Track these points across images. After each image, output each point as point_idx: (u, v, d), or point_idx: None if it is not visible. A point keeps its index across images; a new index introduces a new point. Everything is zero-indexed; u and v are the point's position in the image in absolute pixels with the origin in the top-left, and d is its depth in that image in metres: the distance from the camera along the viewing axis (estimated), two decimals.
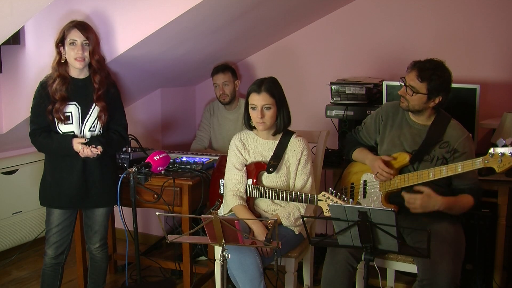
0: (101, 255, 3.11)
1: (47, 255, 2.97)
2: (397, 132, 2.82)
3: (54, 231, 2.94)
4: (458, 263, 2.52)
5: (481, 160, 2.46)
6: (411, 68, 2.68)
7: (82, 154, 2.82)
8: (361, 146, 2.99)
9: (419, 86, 2.63)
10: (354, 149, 2.99)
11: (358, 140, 3.03)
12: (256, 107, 2.78)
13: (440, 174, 2.60)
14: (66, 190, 2.89)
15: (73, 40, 2.80)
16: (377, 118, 2.92)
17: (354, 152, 2.99)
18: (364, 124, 3.00)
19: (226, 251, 2.35)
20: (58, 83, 2.82)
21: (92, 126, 2.90)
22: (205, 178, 3.22)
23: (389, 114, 2.88)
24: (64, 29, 2.83)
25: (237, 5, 3.16)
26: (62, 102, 2.82)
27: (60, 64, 2.85)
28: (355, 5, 3.92)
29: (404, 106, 2.73)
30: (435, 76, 2.61)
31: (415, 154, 2.72)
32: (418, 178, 2.66)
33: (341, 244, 2.33)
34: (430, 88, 2.62)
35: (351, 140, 3.07)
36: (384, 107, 2.94)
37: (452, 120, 2.75)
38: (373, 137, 2.95)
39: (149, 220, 4.42)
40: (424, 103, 2.67)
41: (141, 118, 4.25)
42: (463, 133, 2.70)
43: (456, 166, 2.56)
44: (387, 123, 2.87)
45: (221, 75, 3.88)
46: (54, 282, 3.00)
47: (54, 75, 2.85)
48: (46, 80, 2.87)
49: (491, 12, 3.55)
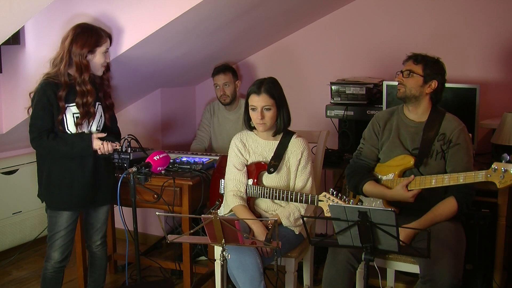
0: (101, 253, 3.12)
1: (52, 259, 2.91)
2: (395, 133, 2.82)
3: (62, 234, 2.89)
4: (459, 258, 2.52)
5: (483, 174, 2.46)
6: (406, 59, 2.79)
7: (101, 151, 2.83)
8: (370, 178, 2.79)
9: (415, 68, 2.72)
10: (365, 181, 2.78)
11: (362, 167, 2.87)
12: (256, 108, 2.78)
13: (442, 183, 2.60)
14: (78, 191, 2.87)
15: (107, 49, 2.89)
16: (375, 127, 2.88)
17: (365, 186, 2.78)
18: (364, 140, 2.91)
19: (226, 251, 2.35)
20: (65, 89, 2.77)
21: (98, 125, 2.93)
22: (205, 178, 3.22)
23: (384, 119, 2.87)
24: (101, 39, 2.84)
25: (237, 5, 3.16)
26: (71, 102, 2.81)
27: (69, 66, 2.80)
28: (355, 5, 3.92)
29: (402, 92, 2.74)
30: (429, 59, 2.73)
31: (418, 158, 2.72)
32: (421, 184, 2.65)
33: (341, 244, 2.33)
34: (426, 69, 2.70)
35: (354, 171, 2.87)
36: (377, 116, 2.93)
37: (447, 114, 2.76)
38: (377, 147, 2.87)
39: (149, 220, 4.42)
40: (421, 86, 2.70)
41: (141, 118, 4.25)
42: (459, 125, 2.72)
43: (458, 176, 2.55)
44: (385, 128, 2.86)
45: (221, 76, 3.87)
46: (56, 286, 2.98)
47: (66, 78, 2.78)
48: (50, 81, 2.78)
49: (491, 12, 3.55)
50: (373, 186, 2.77)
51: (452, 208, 2.64)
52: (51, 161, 2.87)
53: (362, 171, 2.84)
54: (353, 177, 2.84)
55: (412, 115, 2.79)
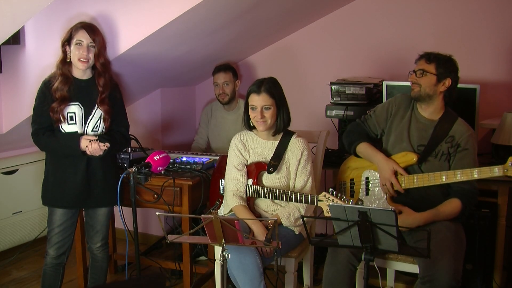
0: (102, 255, 3.12)
1: (49, 255, 2.96)
2: (405, 125, 2.82)
3: (56, 231, 2.94)
4: (459, 259, 2.53)
5: (500, 168, 2.48)
6: (419, 59, 2.79)
7: (89, 151, 2.81)
8: (367, 140, 2.91)
9: (428, 68, 2.72)
10: (360, 142, 2.91)
11: (363, 130, 2.97)
12: (256, 108, 2.78)
13: (455, 178, 2.60)
14: (69, 189, 2.90)
15: (80, 40, 2.82)
16: (390, 107, 2.90)
17: (359, 146, 2.91)
18: (374, 112, 2.96)
19: (226, 251, 2.35)
20: (60, 82, 2.82)
21: (95, 127, 2.91)
22: (205, 178, 3.22)
23: (401, 105, 2.88)
24: (72, 29, 2.84)
25: (236, 5, 3.16)
26: (62, 102, 2.82)
27: (64, 63, 2.86)
28: (355, 5, 3.92)
29: (416, 91, 2.74)
30: (442, 57, 2.73)
31: (423, 154, 2.72)
32: (430, 180, 2.66)
33: (341, 244, 2.33)
34: (439, 67, 2.70)
35: (355, 130, 2.99)
36: (398, 97, 2.93)
37: (459, 118, 2.77)
38: (382, 126, 2.91)
39: (149, 220, 4.42)
40: (435, 85, 2.71)
41: (141, 118, 4.25)
42: (468, 130, 2.73)
43: (472, 172, 2.56)
44: (397, 114, 2.86)
45: (222, 74, 3.87)
46: (55, 282, 3.00)
47: (57, 73, 2.85)
48: (50, 79, 2.87)
49: (491, 12, 3.55)
50: (367, 146, 2.88)
51: (456, 208, 2.65)
52: (50, 159, 2.96)
53: (363, 133, 2.95)
54: (352, 134, 2.96)
55: (425, 112, 2.80)
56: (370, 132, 2.97)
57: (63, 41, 2.85)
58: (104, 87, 2.89)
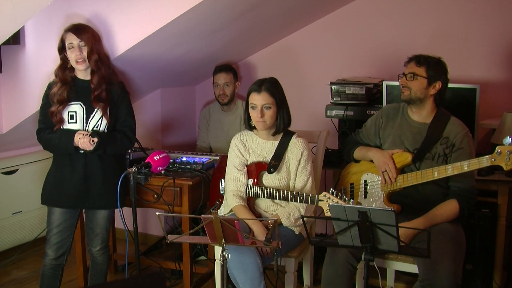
0: (102, 258, 3.09)
1: (48, 255, 2.96)
2: (397, 132, 2.82)
3: (55, 231, 2.93)
4: (459, 262, 2.52)
5: (487, 158, 2.48)
6: (408, 61, 2.79)
7: (81, 144, 2.81)
8: (362, 145, 2.98)
9: (418, 71, 2.72)
10: (355, 147, 2.98)
11: (358, 141, 3.03)
12: (256, 107, 2.78)
13: (446, 173, 2.60)
14: (67, 189, 2.90)
15: (70, 43, 2.86)
16: (377, 121, 2.92)
17: (355, 151, 2.97)
18: (365, 127, 3.01)
19: (226, 251, 2.35)
20: (58, 87, 2.88)
21: (95, 126, 2.90)
22: (205, 178, 3.22)
23: (389, 116, 2.89)
24: (62, 35, 2.89)
25: (236, 5, 3.16)
26: (60, 104, 2.86)
27: (63, 69, 2.91)
28: (355, 5, 3.92)
29: (406, 95, 2.74)
30: (431, 60, 2.73)
31: (417, 153, 2.72)
32: (422, 177, 2.66)
33: (341, 244, 2.33)
34: (429, 70, 2.70)
35: (351, 141, 3.07)
36: (384, 109, 2.95)
37: (452, 117, 2.76)
38: (373, 140, 2.95)
39: (149, 220, 4.41)
40: (425, 88, 2.70)
41: (141, 118, 4.24)
42: (463, 129, 2.72)
43: (462, 165, 2.56)
44: (387, 125, 2.88)
45: (223, 75, 3.87)
46: (54, 284, 3.00)
47: (55, 80, 2.91)
48: (53, 82, 2.93)
49: (491, 12, 3.55)
50: (362, 147, 2.96)
51: (453, 209, 2.65)
52: (53, 159, 3.00)
53: (358, 142, 3.03)
54: (348, 145, 3.06)
55: (416, 116, 2.80)
56: (364, 144, 3.01)
57: (59, 48, 2.90)
58: (97, 85, 2.88)
